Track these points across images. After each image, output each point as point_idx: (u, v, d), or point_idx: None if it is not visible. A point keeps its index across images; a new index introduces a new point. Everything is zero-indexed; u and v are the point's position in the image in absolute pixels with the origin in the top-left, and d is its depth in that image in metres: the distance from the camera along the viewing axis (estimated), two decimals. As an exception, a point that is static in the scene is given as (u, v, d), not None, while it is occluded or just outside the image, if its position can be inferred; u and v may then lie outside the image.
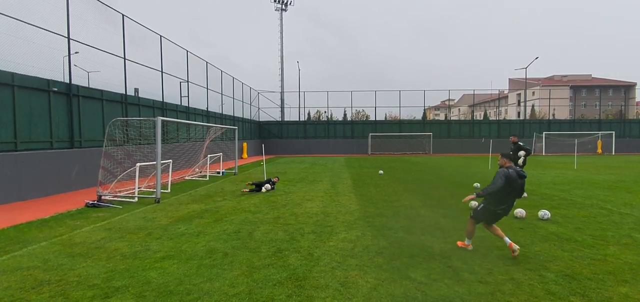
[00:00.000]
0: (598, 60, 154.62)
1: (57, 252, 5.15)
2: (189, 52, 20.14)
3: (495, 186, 4.72)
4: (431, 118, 52.27)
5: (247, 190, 10.84)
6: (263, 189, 10.71)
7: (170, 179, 11.35)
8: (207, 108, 22.94)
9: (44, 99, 10.56)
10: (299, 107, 38.75)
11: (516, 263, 4.57)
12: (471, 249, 5.08)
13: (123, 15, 14.00)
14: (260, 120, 37.85)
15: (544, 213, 6.92)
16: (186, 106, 19.84)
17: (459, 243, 5.30)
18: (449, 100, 43.15)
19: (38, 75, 10.31)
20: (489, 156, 25.02)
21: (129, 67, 14.55)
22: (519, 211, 7.01)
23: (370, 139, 36.20)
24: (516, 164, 9.49)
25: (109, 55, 13.30)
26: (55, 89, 10.89)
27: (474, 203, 7.25)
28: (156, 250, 5.22)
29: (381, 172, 15.69)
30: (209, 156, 15.31)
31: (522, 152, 9.86)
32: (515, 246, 4.73)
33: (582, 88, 65.57)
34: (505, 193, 4.77)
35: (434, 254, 4.95)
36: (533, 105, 55.86)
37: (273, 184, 11.38)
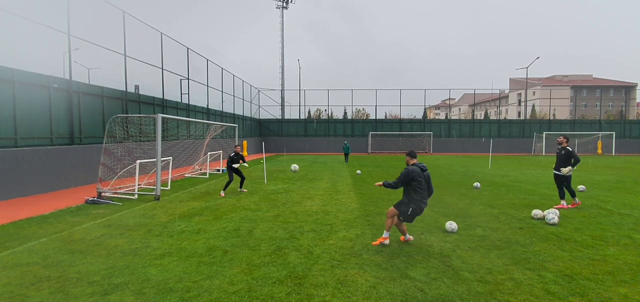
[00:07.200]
0: (599, 61, 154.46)
1: (57, 248, 5.15)
2: (189, 50, 20.12)
3: (398, 181, 5.03)
4: (431, 117, 52.22)
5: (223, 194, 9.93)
6: (235, 166, 10.10)
7: (170, 177, 11.36)
8: (208, 105, 22.92)
9: (44, 95, 10.55)
10: (299, 105, 38.77)
11: (516, 263, 4.57)
12: (387, 243, 5.28)
13: (123, 12, 13.98)
14: (260, 118, 37.83)
15: (552, 217, 6.53)
16: (186, 103, 19.82)
17: (402, 238, 5.48)
18: (449, 99, 43.24)
19: (38, 72, 10.29)
20: (489, 155, 25.01)
21: (129, 64, 14.55)
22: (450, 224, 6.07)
23: (370, 138, 36.20)
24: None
25: (109, 52, 13.29)
26: (56, 86, 10.88)
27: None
28: (156, 247, 5.22)
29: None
30: (209, 153, 15.31)
31: (565, 169, 7.96)
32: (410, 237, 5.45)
33: (582, 88, 65.50)
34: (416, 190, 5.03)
35: (433, 253, 4.96)
36: (533, 105, 55.78)
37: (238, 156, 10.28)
